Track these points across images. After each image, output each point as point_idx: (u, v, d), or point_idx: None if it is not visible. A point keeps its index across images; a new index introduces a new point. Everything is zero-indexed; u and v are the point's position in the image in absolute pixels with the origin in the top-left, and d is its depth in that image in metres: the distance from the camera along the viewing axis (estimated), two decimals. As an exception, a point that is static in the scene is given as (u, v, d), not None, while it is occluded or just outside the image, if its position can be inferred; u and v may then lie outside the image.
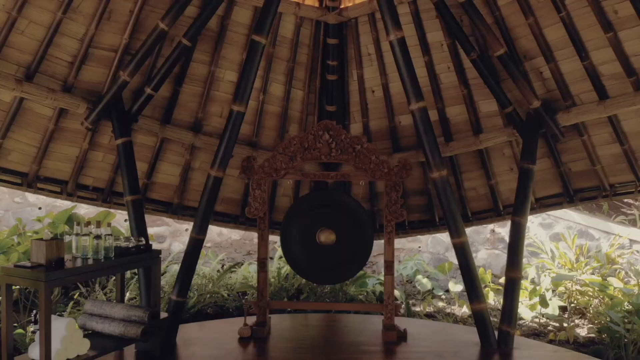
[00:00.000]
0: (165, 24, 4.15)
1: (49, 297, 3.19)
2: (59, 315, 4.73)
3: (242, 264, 6.32)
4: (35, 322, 4.19)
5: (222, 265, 6.27)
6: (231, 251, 6.79)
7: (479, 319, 4.22)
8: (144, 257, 3.87)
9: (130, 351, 3.97)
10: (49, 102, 4.21)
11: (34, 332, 4.37)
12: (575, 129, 4.51)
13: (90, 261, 3.53)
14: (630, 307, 5.02)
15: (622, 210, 8.05)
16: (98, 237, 3.56)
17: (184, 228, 6.88)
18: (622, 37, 3.93)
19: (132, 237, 4.01)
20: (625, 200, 8.48)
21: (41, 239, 3.37)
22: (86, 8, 4.06)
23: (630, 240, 6.25)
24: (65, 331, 3.36)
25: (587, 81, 4.24)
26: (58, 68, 4.22)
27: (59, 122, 4.43)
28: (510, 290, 4.28)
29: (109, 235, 3.63)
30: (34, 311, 4.47)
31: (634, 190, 4.58)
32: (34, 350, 3.33)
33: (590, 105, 4.28)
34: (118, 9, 4.19)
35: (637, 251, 6.17)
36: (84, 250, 3.56)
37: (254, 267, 6.24)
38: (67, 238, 3.90)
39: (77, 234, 3.59)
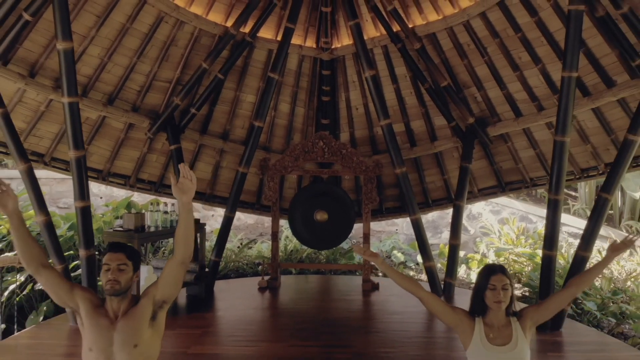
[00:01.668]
0: (207, 63, 5.84)
1: (139, 249, 4.90)
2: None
3: (256, 242, 8.03)
4: None
5: (241, 243, 7.97)
6: (247, 232, 8.51)
7: (429, 273, 5.93)
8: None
9: (181, 294, 5.67)
10: (123, 119, 5.91)
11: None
12: (502, 138, 6.20)
13: (159, 228, 5.25)
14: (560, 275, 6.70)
15: (567, 201, 9.74)
16: (166, 212, 5.29)
17: (211, 214, 8.59)
18: (526, 74, 5.62)
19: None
20: (574, 194, 10.19)
21: (130, 213, 5.12)
22: (152, 53, 5.76)
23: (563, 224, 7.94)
24: (146, 273, 5.07)
25: (506, 104, 5.94)
26: (130, 95, 5.91)
27: (127, 133, 6.13)
28: (452, 253, 5.99)
29: (173, 211, 5.36)
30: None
31: (546, 182, 6.28)
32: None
33: (509, 121, 5.97)
34: (173, 54, 5.88)
35: (566, 231, 7.87)
36: (156, 222, 5.28)
37: (265, 245, 7.96)
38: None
39: (151, 211, 5.31)
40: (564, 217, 8.22)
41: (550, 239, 4.66)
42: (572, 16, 4.25)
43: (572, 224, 8.10)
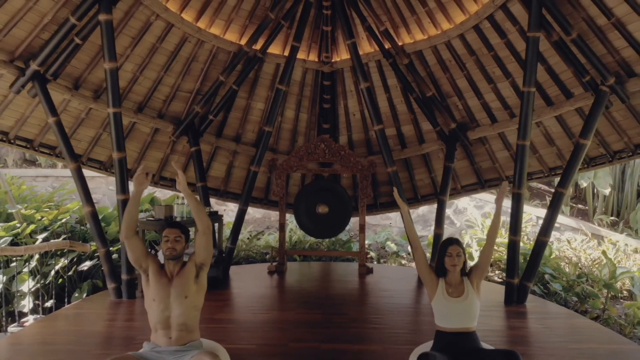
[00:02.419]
0: (223, 76, 6.73)
1: (168, 236, 5.78)
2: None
3: (264, 234, 8.92)
4: (155, 250, 6.80)
5: (250, 234, 8.86)
6: (255, 225, 9.40)
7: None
8: (213, 217, 6.48)
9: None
10: (150, 124, 6.80)
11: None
12: (480, 141, 7.08)
13: (185, 218, 6.13)
14: (522, 257, 7.58)
15: (547, 197, 10.62)
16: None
17: (223, 209, 9.48)
18: (499, 87, 6.51)
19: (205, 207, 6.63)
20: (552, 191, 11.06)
21: (161, 205, 6.00)
22: (176, 68, 6.65)
23: (537, 216, 8.83)
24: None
25: (483, 112, 6.83)
26: (156, 104, 6.80)
27: (153, 137, 7.03)
28: (436, 242, 6.87)
29: (195, 204, 6.24)
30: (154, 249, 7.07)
31: (519, 180, 7.15)
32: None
33: (486, 126, 6.86)
34: (194, 68, 6.77)
35: (539, 223, 8.75)
36: (182, 213, 6.16)
37: (272, 237, 8.85)
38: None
39: (177, 204, 6.20)
40: (541, 212, 9.13)
41: (515, 226, 5.56)
42: (530, 41, 5.15)
43: (549, 218, 8.97)
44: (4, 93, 5.69)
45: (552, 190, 10.76)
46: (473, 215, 8.98)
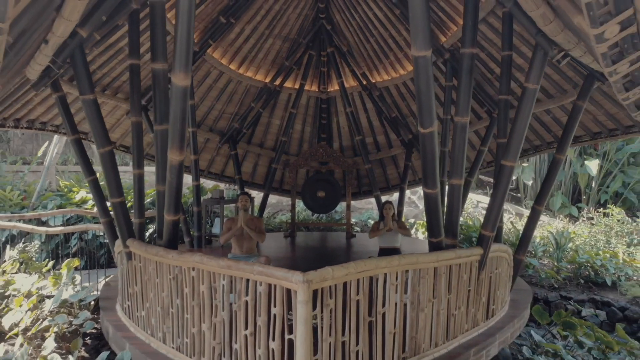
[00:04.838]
0: (254, 104, 9.99)
1: (222, 210, 9.08)
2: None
3: (278, 214, 12.17)
4: (211, 225, 10.08)
5: (268, 214, 12.10)
6: (272, 208, 12.63)
7: (384, 226, 10.07)
8: (247, 198, 9.73)
9: (240, 238, 9.82)
10: (204, 136, 10.07)
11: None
12: (429, 147, 10.33)
13: (230, 197, 9.39)
14: (464, 231, 10.83)
15: (486, 187, 13.86)
16: (234, 189, 9.44)
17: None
18: (438, 112, 9.76)
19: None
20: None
21: (216, 189, 9.30)
22: (223, 98, 9.91)
23: (477, 201, 12.06)
24: (219, 224, 9.22)
25: (430, 127, 10.07)
26: (209, 122, 10.06)
27: (205, 144, 10.29)
28: (399, 217, 10.13)
29: (234, 189, 9.52)
30: (209, 220, 10.34)
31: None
32: (215, 228, 9.20)
33: (432, 137, 10.10)
34: (234, 98, 10.03)
35: (481, 207, 11.98)
36: (228, 195, 9.44)
37: (285, 217, 12.09)
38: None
39: (225, 188, 9.47)
40: (482, 197, 12.40)
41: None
42: (445, 88, 8.39)
43: (486, 202, 12.24)
44: (117, 117, 8.94)
45: (492, 180, 14.04)
46: (431, 200, 12.22)
